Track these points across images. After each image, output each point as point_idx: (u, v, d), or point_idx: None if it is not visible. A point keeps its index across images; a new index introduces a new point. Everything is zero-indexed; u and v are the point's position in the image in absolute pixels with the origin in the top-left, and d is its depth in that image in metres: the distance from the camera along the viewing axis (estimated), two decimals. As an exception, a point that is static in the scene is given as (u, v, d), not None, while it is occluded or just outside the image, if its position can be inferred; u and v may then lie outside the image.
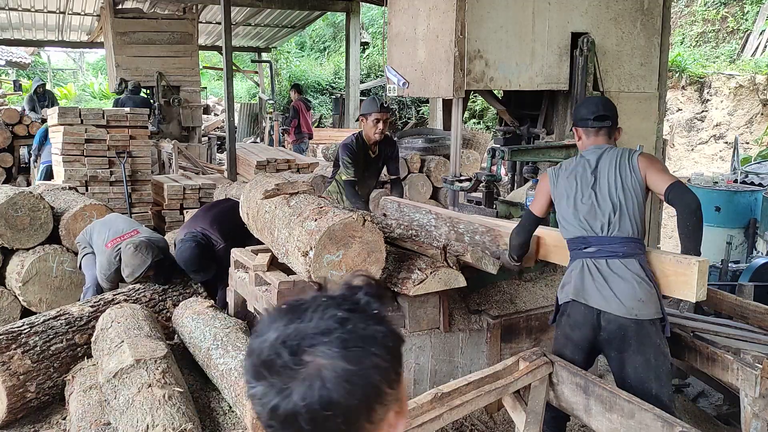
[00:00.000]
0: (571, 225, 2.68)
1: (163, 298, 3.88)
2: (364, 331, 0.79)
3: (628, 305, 2.49)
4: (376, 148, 4.57)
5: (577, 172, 2.70)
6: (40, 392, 3.13)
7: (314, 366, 0.76)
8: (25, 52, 18.63)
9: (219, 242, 3.97)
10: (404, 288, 3.12)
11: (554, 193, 2.76)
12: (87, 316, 3.49)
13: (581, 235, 2.65)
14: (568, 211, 2.69)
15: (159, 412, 2.44)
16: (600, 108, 2.75)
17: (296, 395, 0.76)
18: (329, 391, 0.76)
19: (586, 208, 2.64)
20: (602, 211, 2.61)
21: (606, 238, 2.59)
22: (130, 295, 3.79)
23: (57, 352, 3.25)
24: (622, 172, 2.63)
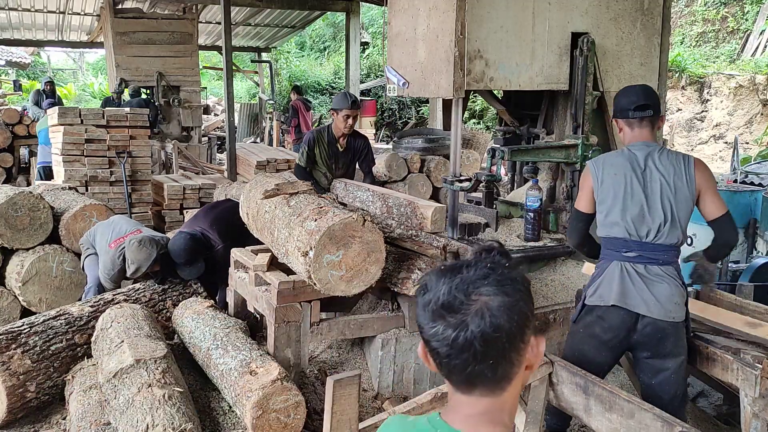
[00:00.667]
0: (615, 225, 2.59)
1: (163, 298, 3.88)
2: (509, 275, 1.04)
3: (666, 308, 2.51)
4: (344, 142, 4.78)
5: (625, 169, 2.58)
6: (40, 392, 3.13)
7: (481, 302, 1.00)
8: (25, 52, 18.62)
9: (218, 243, 3.97)
10: (404, 288, 3.12)
11: (597, 189, 2.64)
12: (87, 316, 3.49)
13: (624, 238, 2.57)
14: (613, 210, 2.59)
15: (159, 412, 2.44)
16: (641, 97, 2.62)
17: (472, 325, 0.99)
18: (496, 318, 0.99)
19: (635, 211, 2.55)
20: (652, 218, 2.54)
21: (650, 245, 2.54)
22: (130, 295, 3.79)
23: (57, 352, 3.25)
24: (677, 181, 2.54)
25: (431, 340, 1.04)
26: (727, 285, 4.61)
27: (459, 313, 1.00)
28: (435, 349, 1.04)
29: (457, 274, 1.04)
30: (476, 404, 1.04)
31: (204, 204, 6.87)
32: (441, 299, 1.02)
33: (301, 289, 3.05)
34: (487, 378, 1.02)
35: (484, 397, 1.04)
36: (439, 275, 1.06)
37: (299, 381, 3.08)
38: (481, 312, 0.99)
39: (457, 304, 1.01)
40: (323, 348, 3.59)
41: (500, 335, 0.99)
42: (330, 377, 2.09)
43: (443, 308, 1.02)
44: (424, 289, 1.06)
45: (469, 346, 0.99)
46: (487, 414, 1.04)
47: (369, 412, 3.01)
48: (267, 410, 2.51)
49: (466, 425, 1.05)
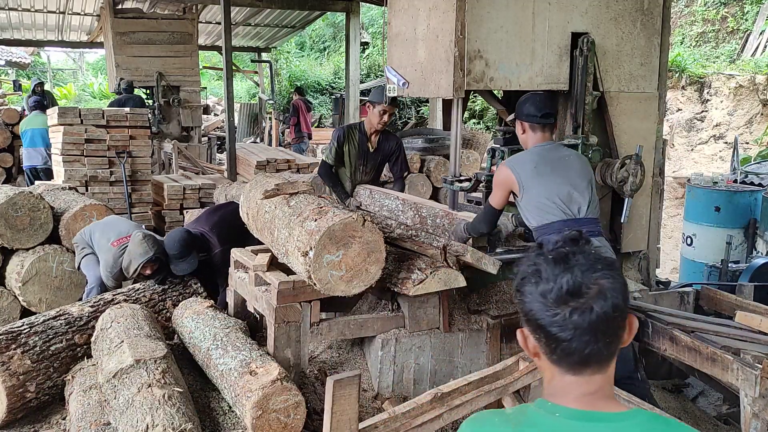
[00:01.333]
0: (550, 212, 2.98)
1: (163, 298, 3.88)
2: (608, 262, 1.14)
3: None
4: (375, 141, 4.50)
5: (540, 165, 3.04)
6: (40, 392, 3.13)
7: (599, 287, 1.09)
8: (25, 52, 18.63)
9: (216, 246, 3.97)
10: (404, 288, 3.12)
11: (521, 184, 3.03)
12: (87, 316, 3.49)
13: (560, 219, 2.96)
14: (542, 200, 2.99)
15: (159, 412, 2.44)
16: (546, 107, 3.16)
17: (596, 307, 1.08)
18: (615, 300, 1.09)
19: (563, 194, 2.98)
20: (580, 195, 3.00)
21: (583, 219, 2.98)
22: (130, 295, 3.79)
23: (57, 352, 3.25)
24: (583, 167, 3.14)
25: (551, 327, 1.10)
26: (727, 285, 4.61)
27: (582, 298, 1.09)
28: (554, 334, 1.10)
29: (570, 263, 1.12)
30: (589, 383, 1.11)
31: (204, 205, 6.87)
32: (565, 286, 1.09)
33: (301, 289, 3.05)
34: (602, 356, 1.10)
35: (596, 374, 1.11)
36: (553, 264, 1.12)
37: (299, 381, 3.08)
38: (602, 294, 1.09)
39: (582, 290, 1.09)
40: (323, 348, 3.59)
41: (618, 314, 1.10)
42: (330, 377, 2.09)
43: (568, 294, 1.09)
44: (537, 279, 1.13)
45: (594, 327, 1.08)
46: (600, 390, 1.12)
47: (369, 412, 3.01)
48: (267, 410, 2.51)
49: (584, 404, 1.10)
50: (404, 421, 2.28)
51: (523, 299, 1.15)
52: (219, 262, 3.99)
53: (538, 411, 1.12)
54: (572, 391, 1.12)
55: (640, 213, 4.16)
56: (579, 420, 1.09)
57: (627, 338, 1.14)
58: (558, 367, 1.13)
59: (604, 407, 1.11)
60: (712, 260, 5.56)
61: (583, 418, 1.09)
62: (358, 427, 2.15)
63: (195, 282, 4.04)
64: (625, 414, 1.10)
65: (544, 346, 1.13)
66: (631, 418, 1.09)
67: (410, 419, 2.29)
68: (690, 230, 6.21)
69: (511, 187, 3.08)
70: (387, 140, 4.57)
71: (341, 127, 4.59)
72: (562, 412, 1.10)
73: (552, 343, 1.11)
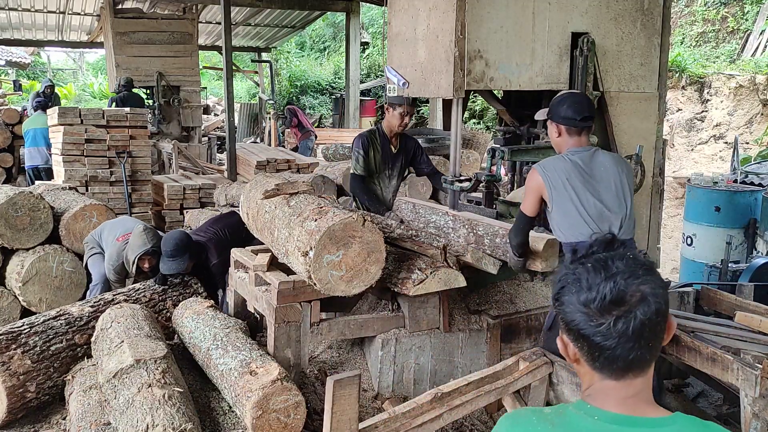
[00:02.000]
0: (577, 228, 2.69)
1: (163, 298, 3.88)
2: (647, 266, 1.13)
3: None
4: (397, 143, 4.40)
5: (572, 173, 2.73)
6: (40, 392, 3.13)
7: (641, 293, 1.08)
8: (25, 52, 18.63)
9: (213, 257, 4.01)
10: (404, 288, 3.12)
11: (551, 193, 2.76)
12: (87, 316, 3.49)
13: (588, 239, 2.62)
14: (571, 214, 2.71)
15: (159, 412, 2.44)
16: (586, 109, 2.82)
17: (639, 313, 1.07)
18: (657, 304, 1.09)
19: (594, 212, 2.68)
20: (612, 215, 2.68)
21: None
22: (130, 295, 3.79)
23: (57, 352, 3.25)
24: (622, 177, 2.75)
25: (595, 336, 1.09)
26: (727, 285, 4.61)
27: (625, 306, 1.08)
28: (598, 343, 1.09)
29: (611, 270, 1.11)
30: (629, 386, 1.11)
31: (204, 205, 6.88)
32: (608, 296, 1.08)
33: (301, 289, 3.05)
34: (645, 360, 1.10)
35: (637, 378, 1.11)
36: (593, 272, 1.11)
37: (299, 381, 3.08)
38: (645, 301, 1.08)
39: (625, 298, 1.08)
40: (323, 348, 3.59)
41: (660, 318, 1.10)
42: (330, 377, 2.09)
43: (612, 303, 1.08)
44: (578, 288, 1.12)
45: (638, 334, 1.08)
46: (641, 393, 1.12)
47: (369, 412, 3.01)
48: (267, 410, 2.51)
49: (624, 408, 1.10)
50: (404, 421, 2.28)
51: (563, 309, 1.14)
52: (217, 274, 4.04)
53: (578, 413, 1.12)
54: (613, 395, 1.12)
55: (640, 213, 4.16)
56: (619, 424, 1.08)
57: (667, 338, 1.15)
58: (599, 374, 1.13)
59: (644, 412, 1.10)
60: (712, 260, 5.56)
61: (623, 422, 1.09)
62: (358, 427, 2.15)
63: (195, 282, 4.05)
64: (666, 419, 1.09)
65: (586, 354, 1.13)
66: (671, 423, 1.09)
67: (410, 419, 2.29)
68: (690, 230, 6.21)
69: (541, 193, 2.82)
70: (406, 141, 4.47)
71: (361, 135, 4.39)
72: (602, 416, 1.10)
73: (595, 351, 1.10)
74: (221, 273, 3.94)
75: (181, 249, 3.85)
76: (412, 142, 4.53)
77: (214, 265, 4.00)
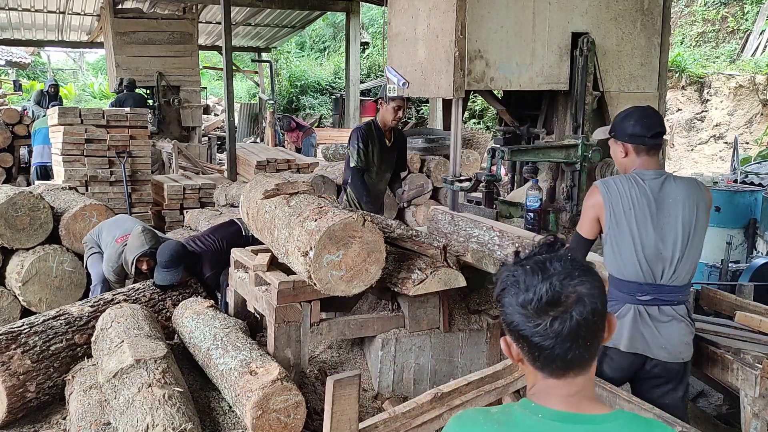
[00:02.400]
0: (629, 266, 2.42)
1: (163, 298, 3.88)
2: (584, 267, 1.15)
3: (677, 350, 2.43)
4: (391, 136, 4.46)
5: (637, 201, 2.41)
6: (40, 392, 3.13)
7: (578, 293, 1.11)
8: (25, 52, 18.63)
9: (207, 270, 4.03)
10: (404, 288, 3.12)
11: (609, 218, 2.45)
12: (87, 316, 3.49)
13: (638, 281, 2.41)
14: (626, 249, 2.42)
15: (159, 411, 2.44)
16: (657, 125, 2.47)
17: (576, 314, 1.10)
18: (593, 305, 1.11)
19: (650, 252, 2.39)
20: (668, 256, 2.39)
21: (665, 287, 2.40)
22: (130, 295, 3.79)
23: (57, 352, 3.25)
24: (699, 214, 2.41)
25: (533, 337, 1.12)
26: (727, 285, 4.61)
27: (561, 306, 1.10)
28: (537, 344, 1.12)
29: (548, 271, 1.13)
30: (571, 384, 1.14)
31: (204, 205, 6.88)
32: (545, 297, 1.11)
33: (301, 289, 3.05)
34: (584, 359, 1.13)
35: (578, 376, 1.14)
36: (531, 274, 1.14)
37: (299, 381, 3.08)
38: (581, 301, 1.11)
39: (561, 298, 1.11)
40: (323, 348, 3.59)
41: (597, 318, 1.12)
42: (330, 377, 2.09)
43: (548, 304, 1.11)
44: (516, 290, 1.14)
45: (575, 334, 1.10)
46: (583, 391, 1.15)
47: (369, 412, 3.01)
48: (267, 410, 2.51)
49: (567, 405, 1.13)
50: (404, 421, 2.28)
51: (504, 310, 1.16)
52: (211, 286, 4.07)
53: (523, 411, 1.14)
54: (555, 392, 1.14)
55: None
56: (562, 421, 1.11)
57: (607, 336, 1.17)
58: (541, 372, 1.15)
59: (587, 409, 1.13)
60: (712, 260, 5.55)
61: (565, 419, 1.11)
62: (358, 427, 2.15)
63: (195, 282, 4.05)
64: (607, 416, 1.12)
65: (527, 354, 1.15)
66: (613, 419, 1.11)
67: (410, 419, 2.29)
68: (690, 230, 6.20)
69: (598, 215, 2.49)
70: (397, 135, 4.55)
71: (359, 128, 4.43)
72: (546, 414, 1.12)
73: (535, 351, 1.13)
74: (215, 285, 4.00)
75: (176, 260, 3.85)
76: (404, 138, 4.62)
77: (208, 277, 4.02)
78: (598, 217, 2.50)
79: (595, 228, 2.54)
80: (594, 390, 1.17)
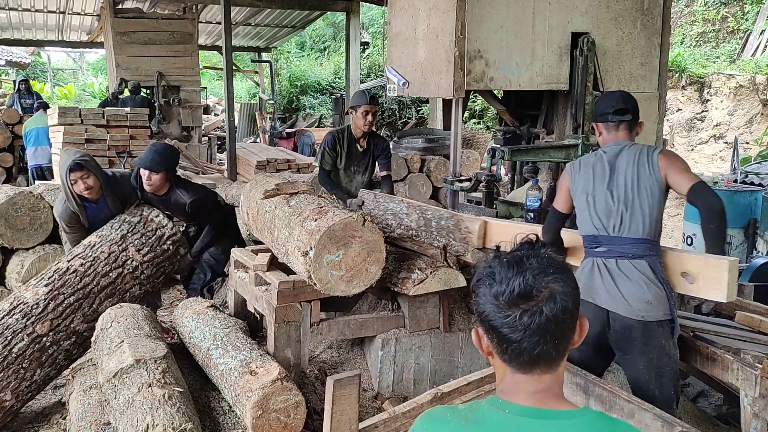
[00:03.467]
0: (586, 223, 2.65)
1: (124, 247, 3.62)
2: (560, 266, 1.17)
3: (634, 306, 2.47)
4: (364, 142, 4.64)
5: (595, 167, 2.66)
6: (19, 396, 3.03)
7: (550, 290, 1.13)
8: (25, 52, 18.63)
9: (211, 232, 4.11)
10: (404, 288, 3.12)
11: (572, 188, 2.72)
12: (44, 301, 3.25)
13: (593, 234, 2.62)
14: (583, 207, 2.67)
15: (159, 411, 2.44)
16: (620, 102, 2.69)
17: (546, 309, 1.12)
18: (564, 303, 1.13)
19: (601, 206, 2.61)
20: (616, 209, 2.57)
21: (617, 238, 2.56)
22: (87, 256, 3.52)
23: (21, 353, 3.06)
24: (640, 170, 2.57)
25: (502, 328, 1.14)
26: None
27: (532, 301, 1.12)
28: (506, 335, 1.14)
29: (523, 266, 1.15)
30: (538, 381, 1.15)
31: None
32: (516, 289, 1.13)
33: (301, 289, 3.05)
34: (551, 356, 1.14)
35: (545, 374, 1.15)
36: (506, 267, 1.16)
37: (299, 381, 3.08)
38: (552, 298, 1.12)
39: (533, 293, 1.13)
40: (323, 348, 3.59)
41: (567, 317, 1.14)
42: (330, 377, 2.09)
43: (519, 297, 1.13)
44: (491, 281, 1.16)
45: (543, 329, 1.12)
46: (550, 388, 1.16)
47: (369, 412, 3.01)
48: (267, 410, 2.51)
49: (533, 401, 1.14)
50: (404, 421, 2.28)
51: (477, 300, 1.18)
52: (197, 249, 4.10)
53: (490, 407, 1.16)
54: (522, 388, 1.16)
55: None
56: (528, 417, 1.12)
57: (577, 339, 1.19)
58: (509, 366, 1.17)
59: (553, 405, 1.15)
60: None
61: (532, 414, 1.13)
62: (358, 427, 2.15)
63: (156, 215, 3.81)
64: (573, 412, 1.14)
65: (496, 346, 1.17)
66: (578, 416, 1.13)
67: (410, 419, 2.29)
68: (690, 230, 6.21)
69: (568, 187, 2.76)
70: (376, 142, 4.72)
71: (329, 133, 4.75)
72: (512, 409, 1.14)
73: (503, 343, 1.15)
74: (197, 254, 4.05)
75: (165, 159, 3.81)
76: (382, 143, 4.76)
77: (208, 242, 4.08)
78: (568, 190, 2.75)
79: (566, 202, 2.78)
80: (561, 390, 1.19)
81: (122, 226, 3.75)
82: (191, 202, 3.93)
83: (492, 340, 1.17)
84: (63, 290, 3.37)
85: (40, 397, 3.36)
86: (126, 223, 3.71)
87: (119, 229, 3.73)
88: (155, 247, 3.76)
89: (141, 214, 3.78)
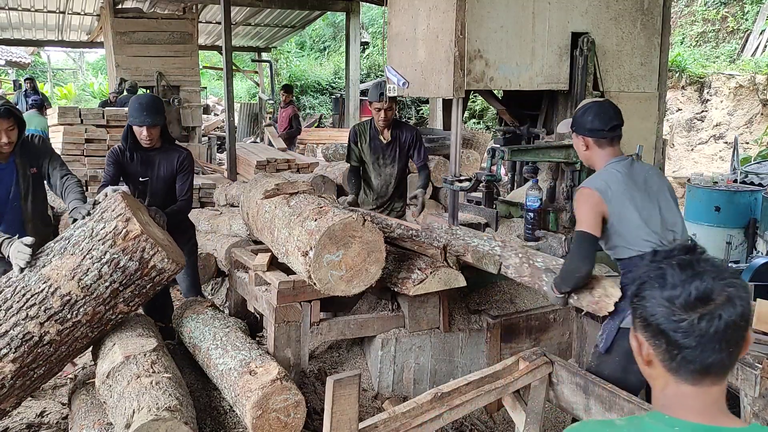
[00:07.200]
0: (637, 242, 2.54)
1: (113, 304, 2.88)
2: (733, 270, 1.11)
3: None
4: (387, 134, 4.53)
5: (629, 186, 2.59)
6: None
7: (727, 294, 1.06)
8: (25, 52, 18.63)
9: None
10: (404, 288, 3.12)
11: (612, 211, 2.56)
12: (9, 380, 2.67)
13: (649, 251, 2.47)
14: (636, 227, 2.55)
15: (145, 396, 2.43)
16: (614, 118, 2.66)
17: (725, 314, 1.05)
18: (743, 308, 1.07)
19: (655, 222, 2.56)
20: (672, 223, 2.59)
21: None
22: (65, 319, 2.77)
23: None
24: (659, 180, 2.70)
25: (675, 333, 1.07)
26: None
27: (710, 305, 1.06)
28: (677, 341, 1.07)
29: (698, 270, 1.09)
30: (707, 394, 1.08)
31: (204, 205, 6.87)
32: (694, 293, 1.07)
33: (301, 289, 3.05)
34: (724, 366, 1.07)
35: (714, 386, 1.08)
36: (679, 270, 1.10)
37: (299, 381, 3.08)
38: (731, 302, 1.06)
39: (711, 296, 1.06)
40: (323, 348, 3.59)
41: (744, 323, 1.07)
42: (330, 377, 2.09)
43: (697, 300, 1.06)
44: (662, 283, 1.10)
45: (720, 336, 1.05)
46: (718, 402, 1.09)
47: (369, 412, 3.01)
48: (267, 410, 2.51)
49: (704, 418, 1.07)
50: (404, 421, 2.28)
51: (644, 304, 1.11)
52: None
53: (656, 424, 1.08)
54: (691, 403, 1.08)
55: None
56: None
57: (744, 349, 1.11)
58: (674, 376, 1.09)
59: (724, 422, 1.07)
60: (712, 260, 5.55)
61: None
62: (358, 427, 2.15)
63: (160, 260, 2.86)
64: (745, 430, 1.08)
65: (663, 353, 1.09)
66: None
67: (410, 419, 2.29)
68: (690, 230, 6.19)
69: (602, 211, 2.56)
70: (403, 132, 4.57)
71: (352, 127, 4.71)
72: (683, 427, 1.06)
73: (674, 350, 1.07)
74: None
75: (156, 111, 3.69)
76: (410, 134, 4.60)
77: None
78: (602, 214, 2.57)
79: (600, 225, 2.58)
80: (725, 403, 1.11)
81: (114, 274, 2.78)
82: (188, 153, 3.85)
83: (658, 347, 1.09)
84: (32, 365, 2.74)
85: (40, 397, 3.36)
86: (120, 271, 2.78)
87: (110, 279, 2.78)
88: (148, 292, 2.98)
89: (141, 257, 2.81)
